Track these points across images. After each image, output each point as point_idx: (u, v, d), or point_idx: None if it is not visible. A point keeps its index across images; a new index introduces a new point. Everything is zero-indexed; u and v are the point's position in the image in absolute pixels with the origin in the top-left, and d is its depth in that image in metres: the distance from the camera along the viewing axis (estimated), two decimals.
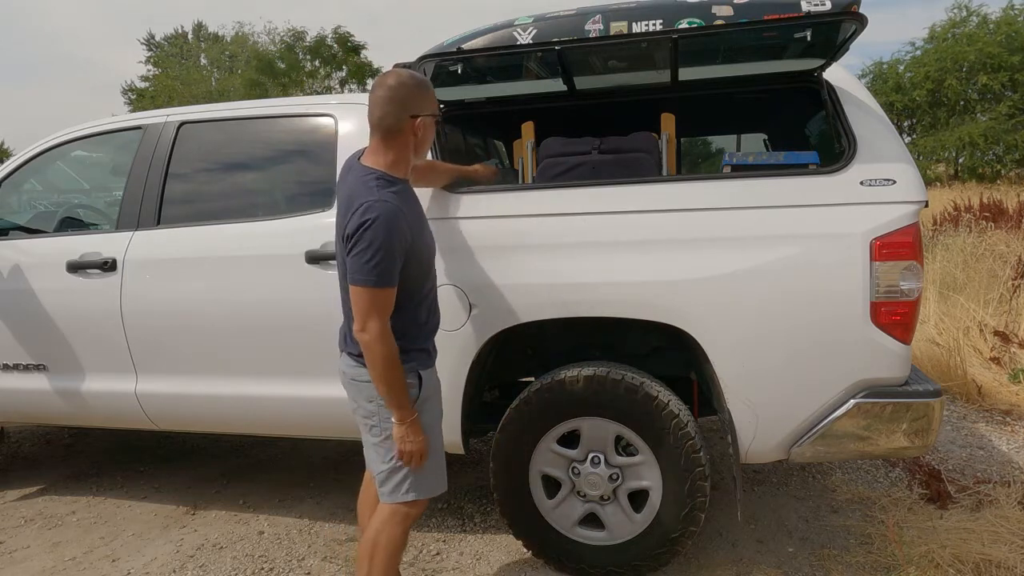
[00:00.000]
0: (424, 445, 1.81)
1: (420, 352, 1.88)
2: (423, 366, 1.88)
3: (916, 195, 2.01)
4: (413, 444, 1.80)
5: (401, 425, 1.79)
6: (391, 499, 1.86)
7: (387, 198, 1.70)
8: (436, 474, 1.91)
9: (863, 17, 1.88)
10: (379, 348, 1.72)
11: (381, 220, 1.67)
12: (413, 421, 1.80)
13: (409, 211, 1.77)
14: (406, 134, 1.78)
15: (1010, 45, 19.82)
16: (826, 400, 2.05)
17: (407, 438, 1.79)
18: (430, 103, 1.81)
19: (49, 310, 2.75)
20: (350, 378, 1.87)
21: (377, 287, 1.69)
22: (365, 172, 1.77)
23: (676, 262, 2.10)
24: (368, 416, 1.86)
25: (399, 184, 1.79)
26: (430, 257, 1.89)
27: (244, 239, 2.55)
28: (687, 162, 4.67)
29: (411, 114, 1.76)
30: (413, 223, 1.77)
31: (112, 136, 2.94)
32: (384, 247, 1.67)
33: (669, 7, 1.99)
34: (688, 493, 2.15)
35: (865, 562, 2.39)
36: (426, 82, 1.82)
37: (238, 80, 24.78)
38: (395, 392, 1.76)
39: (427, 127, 1.81)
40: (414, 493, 1.85)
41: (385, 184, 1.75)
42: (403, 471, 1.84)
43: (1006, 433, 3.57)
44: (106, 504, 3.13)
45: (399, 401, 1.77)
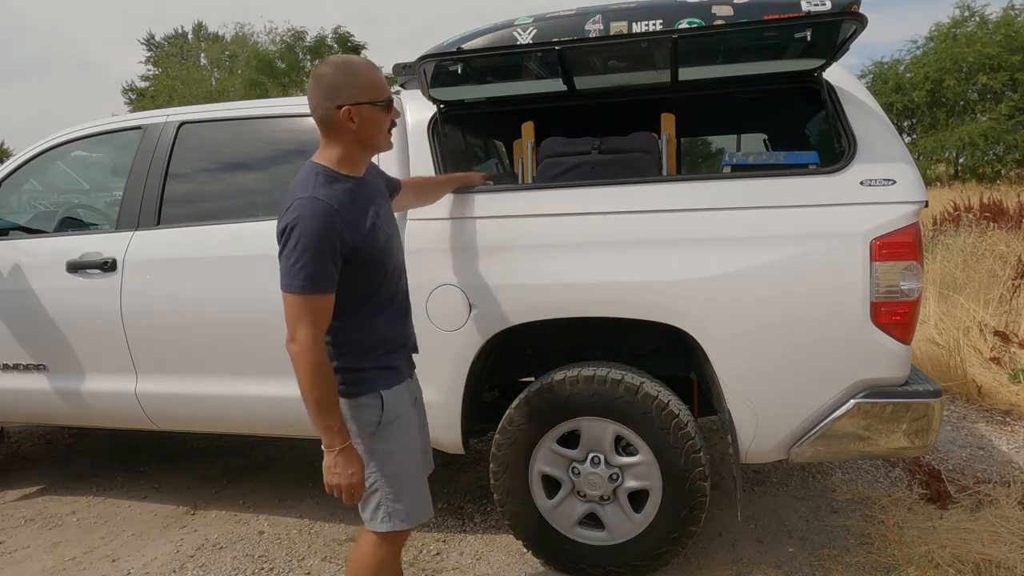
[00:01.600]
0: (354, 479, 1.59)
1: (383, 371, 1.69)
2: (387, 384, 1.69)
3: (916, 195, 2.01)
4: (340, 477, 1.58)
5: (329, 452, 1.58)
6: (370, 526, 1.71)
7: (320, 195, 1.54)
8: (414, 501, 1.72)
9: (863, 17, 1.88)
10: (304, 360, 1.53)
11: (307, 219, 1.51)
12: (343, 450, 1.58)
13: (352, 209, 1.61)
14: (340, 126, 1.60)
15: (1009, 45, 19.82)
16: (826, 400, 2.05)
17: (332, 469, 1.58)
18: (363, 89, 1.59)
19: (49, 310, 2.75)
20: None
21: (304, 292, 1.52)
22: (309, 168, 1.63)
23: (676, 262, 2.10)
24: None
25: (346, 181, 1.63)
26: (386, 261, 1.69)
27: (244, 239, 2.55)
28: (687, 162, 4.67)
29: (336, 103, 1.58)
30: (355, 222, 1.60)
31: (112, 136, 2.94)
32: (311, 248, 1.51)
33: (669, 7, 1.99)
34: (688, 493, 2.15)
35: (865, 562, 2.39)
36: (357, 66, 1.61)
37: (238, 80, 24.78)
38: (321, 413, 1.55)
39: (365, 116, 1.60)
40: (389, 523, 1.68)
41: (326, 180, 1.59)
42: (376, 496, 1.67)
43: (1006, 433, 3.57)
44: (106, 504, 3.13)
45: (325, 423, 1.56)
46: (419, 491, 1.75)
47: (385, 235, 1.70)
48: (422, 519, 1.75)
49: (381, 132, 1.66)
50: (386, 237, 1.70)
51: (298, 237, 1.52)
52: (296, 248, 1.52)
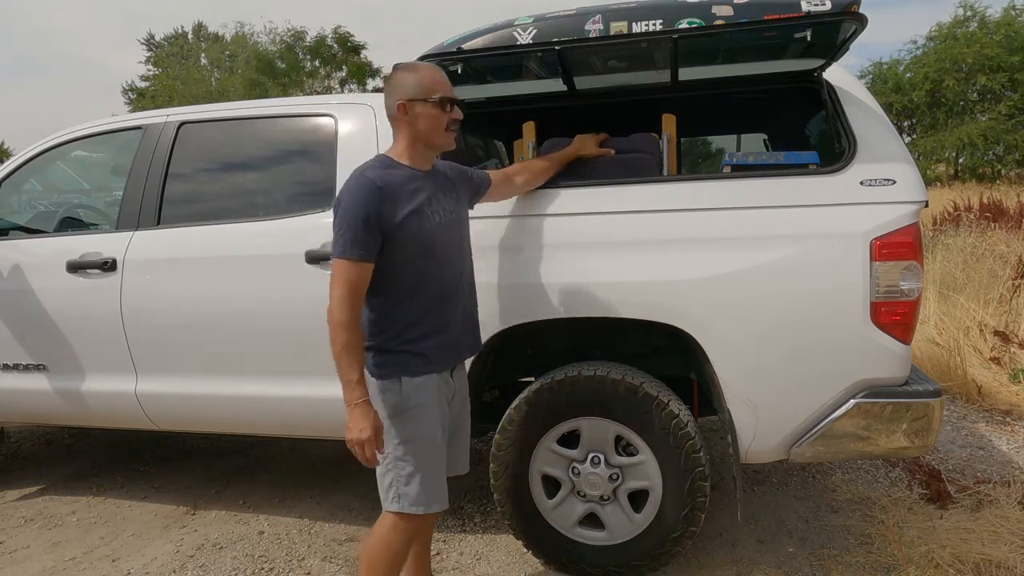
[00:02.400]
0: (366, 434, 1.66)
1: (410, 356, 1.77)
2: (411, 372, 1.77)
3: (916, 195, 2.01)
4: (352, 432, 1.67)
5: (347, 409, 1.69)
6: (385, 506, 1.81)
7: (368, 173, 1.71)
8: (424, 488, 1.78)
9: (863, 17, 1.88)
10: (331, 317, 1.67)
11: (349, 192, 1.69)
12: (359, 405, 1.67)
13: (399, 192, 1.73)
14: (399, 120, 1.79)
15: (1009, 45, 19.82)
16: (826, 400, 2.05)
17: (348, 423, 1.69)
18: (420, 87, 1.76)
19: (49, 310, 2.74)
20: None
21: (339, 257, 1.67)
22: (376, 156, 1.82)
23: (676, 262, 2.09)
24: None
25: (402, 169, 1.78)
26: (428, 248, 1.78)
27: (244, 239, 2.55)
28: (687, 162, 4.66)
29: (397, 99, 1.76)
30: (398, 203, 1.72)
31: (112, 136, 2.94)
32: (348, 218, 1.67)
33: (669, 7, 1.99)
34: (688, 493, 2.15)
35: (865, 562, 2.39)
36: (417, 67, 1.81)
37: (238, 80, 24.77)
38: (341, 368, 1.68)
39: (418, 112, 1.77)
40: (397, 504, 1.78)
41: (381, 164, 1.76)
42: (390, 476, 1.78)
43: (1006, 433, 3.57)
44: (106, 504, 3.13)
45: (344, 377, 1.68)
46: (431, 480, 1.80)
47: (432, 224, 1.79)
48: (431, 509, 1.80)
49: (435, 128, 1.80)
50: (433, 226, 1.79)
51: (338, 207, 1.70)
52: (340, 217, 1.69)
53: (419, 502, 1.78)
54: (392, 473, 1.78)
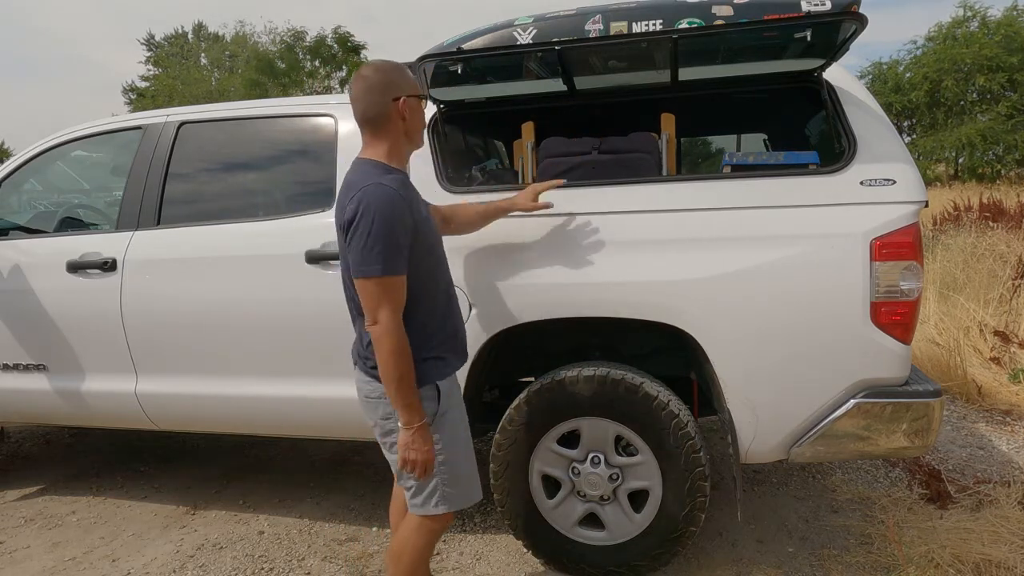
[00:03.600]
0: (430, 455, 1.71)
1: (436, 361, 1.78)
2: (440, 375, 1.78)
3: (916, 195, 2.01)
4: (418, 453, 1.69)
5: (407, 430, 1.68)
6: (422, 511, 1.80)
7: (386, 182, 1.65)
8: (467, 485, 1.83)
9: (863, 17, 1.88)
10: (387, 342, 1.62)
11: (380, 203, 1.61)
12: (420, 427, 1.69)
13: (411, 198, 1.72)
14: (393, 120, 1.74)
15: (1009, 45, 19.81)
16: (826, 400, 2.05)
17: (411, 445, 1.68)
18: (411, 84, 1.76)
19: (49, 310, 2.75)
20: (364, 395, 1.80)
21: (384, 275, 1.61)
22: (362, 163, 1.74)
23: (676, 262, 2.10)
24: (387, 434, 1.79)
25: (398, 173, 1.75)
26: (434, 249, 1.81)
27: (244, 239, 2.55)
28: (687, 162, 4.66)
29: (392, 97, 1.72)
30: (415, 209, 1.71)
31: (112, 136, 2.94)
32: (386, 231, 1.60)
33: (669, 7, 1.99)
34: (688, 493, 2.15)
35: (865, 562, 2.39)
36: (402, 65, 1.79)
37: (238, 80, 24.75)
38: (401, 392, 1.65)
39: (412, 109, 1.76)
40: (444, 506, 1.79)
41: (384, 171, 1.71)
42: (432, 482, 1.77)
43: (1006, 433, 3.57)
44: (106, 504, 3.13)
45: (405, 402, 1.66)
46: (472, 475, 1.86)
47: (432, 225, 1.81)
48: (472, 501, 1.86)
49: (422, 124, 1.81)
50: (433, 227, 1.81)
51: (370, 222, 1.60)
52: (370, 233, 1.60)
53: (464, 499, 1.83)
54: (437, 479, 1.77)
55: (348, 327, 2.07)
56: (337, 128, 2.57)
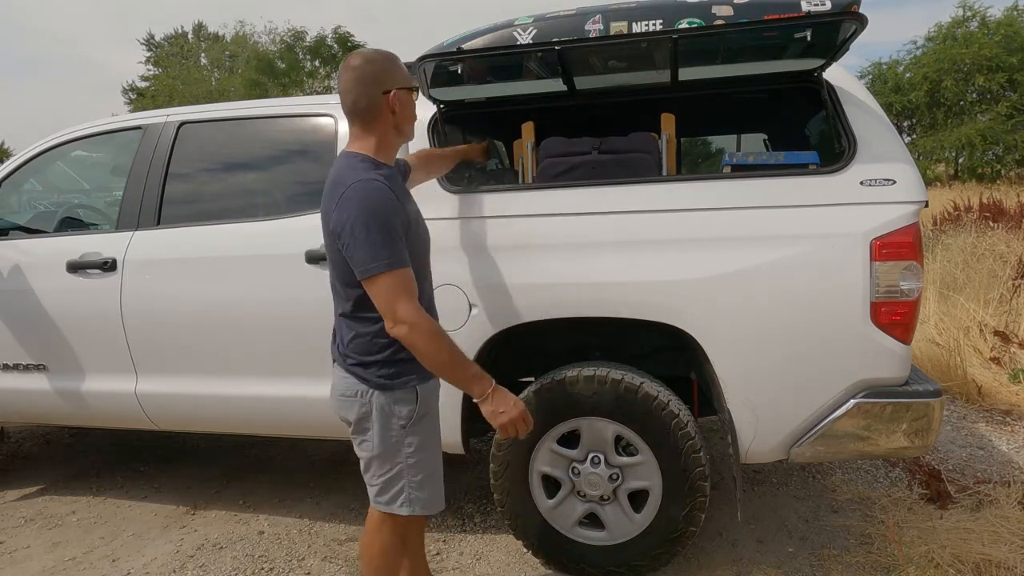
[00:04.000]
0: (521, 408, 1.68)
1: (412, 366, 1.72)
2: (421, 379, 1.74)
3: (916, 195, 2.01)
4: (508, 413, 1.66)
5: (485, 401, 1.66)
6: (385, 509, 1.77)
7: (375, 178, 1.60)
8: (433, 491, 1.79)
9: (863, 17, 1.88)
10: (417, 334, 1.58)
11: (370, 199, 1.56)
12: (495, 390, 1.66)
13: (400, 195, 1.68)
14: (383, 112, 1.67)
15: (1008, 45, 19.81)
16: (826, 400, 2.05)
17: (498, 410, 1.66)
18: (402, 76, 1.70)
19: (49, 310, 2.74)
20: (340, 392, 1.75)
21: (391, 269, 1.56)
22: (349, 157, 1.68)
23: (676, 262, 2.09)
24: (360, 432, 1.75)
25: (387, 168, 1.70)
26: (425, 253, 1.79)
27: (244, 239, 2.55)
28: (687, 162, 4.66)
29: (383, 89, 1.66)
30: (405, 204, 1.68)
31: (112, 136, 2.94)
32: (383, 225, 1.55)
33: (669, 7, 1.99)
34: (688, 493, 2.15)
35: (865, 562, 2.39)
36: (392, 55, 1.71)
37: (238, 80, 24.76)
38: (460, 372, 1.63)
39: (403, 101, 1.69)
40: (408, 508, 1.75)
41: (372, 165, 1.66)
42: (400, 483, 1.74)
43: (1006, 433, 3.57)
44: (106, 504, 3.13)
45: (467, 377, 1.64)
46: (439, 484, 1.83)
47: (420, 222, 1.77)
48: (437, 509, 1.82)
49: (413, 117, 1.75)
50: (421, 225, 1.77)
51: (367, 219, 1.55)
52: (369, 230, 1.55)
53: (429, 505, 1.78)
54: (404, 480, 1.75)
55: None
56: (337, 128, 2.57)
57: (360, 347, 1.71)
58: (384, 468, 1.74)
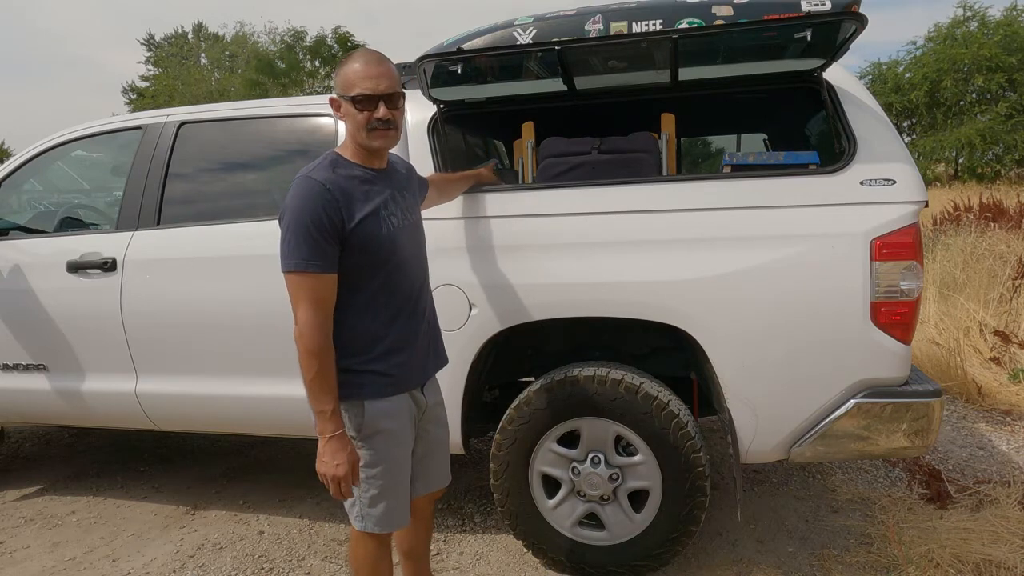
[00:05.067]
0: (343, 471, 1.55)
1: (374, 375, 1.64)
2: (376, 394, 1.64)
3: (916, 195, 2.01)
4: (326, 466, 1.56)
5: (320, 439, 1.56)
6: (350, 519, 1.73)
7: (316, 176, 1.56)
8: (388, 509, 1.70)
9: (863, 17, 1.88)
10: (301, 343, 1.53)
11: (297, 198, 1.54)
12: (332, 438, 1.55)
13: (351, 194, 1.59)
14: (342, 116, 1.66)
15: (1008, 46, 19.80)
16: (826, 400, 2.05)
17: (322, 457, 1.56)
18: (343, 82, 1.63)
19: (49, 310, 2.74)
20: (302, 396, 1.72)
21: (297, 271, 1.52)
22: (325, 154, 1.67)
23: (676, 262, 2.10)
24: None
25: (353, 168, 1.64)
26: (386, 255, 1.65)
27: (244, 239, 2.55)
28: (687, 162, 4.67)
29: (334, 94, 1.67)
30: (351, 206, 1.58)
31: (112, 136, 2.94)
32: (300, 226, 1.52)
33: (669, 7, 1.99)
34: (688, 493, 2.15)
35: (865, 562, 2.39)
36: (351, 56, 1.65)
37: (238, 80, 24.76)
38: (313, 397, 1.55)
39: (345, 111, 1.63)
40: (360, 523, 1.71)
41: (331, 164, 1.62)
42: (353, 496, 1.68)
43: (1006, 433, 3.57)
44: (106, 504, 3.13)
45: (317, 408, 1.55)
46: (395, 504, 1.73)
47: (390, 228, 1.66)
48: (396, 527, 1.75)
49: (356, 126, 1.63)
50: (391, 230, 1.66)
51: (289, 217, 1.55)
52: (288, 228, 1.55)
53: (382, 523, 1.72)
54: (356, 494, 1.69)
55: None
56: (337, 128, 2.57)
57: None
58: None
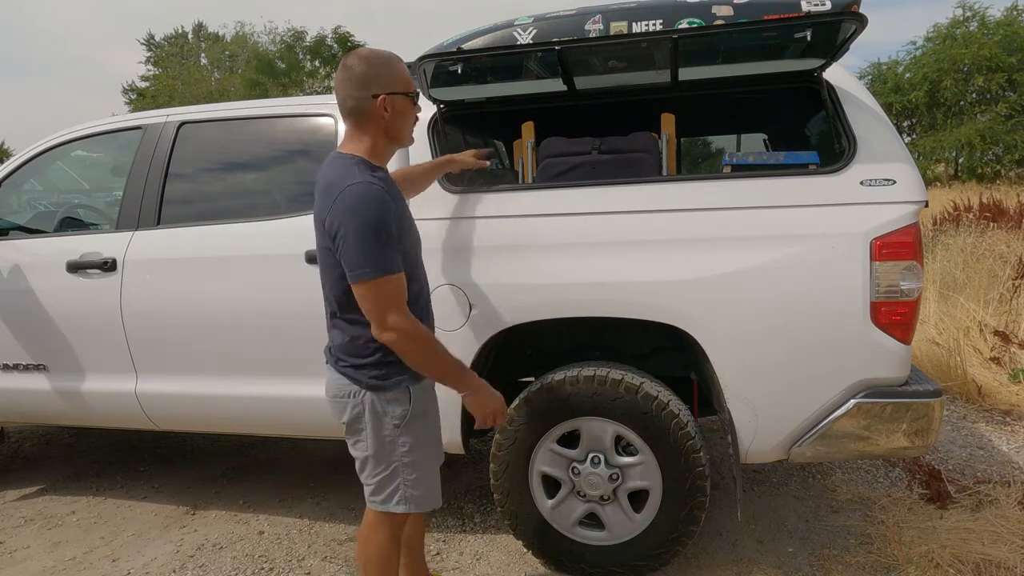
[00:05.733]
0: (500, 402, 1.81)
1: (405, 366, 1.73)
2: (413, 380, 1.74)
3: (916, 195, 2.02)
4: (486, 407, 1.78)
5: (470, 397, 1.76)
6: (381, 508, 1.78)
7: (372, 182, 1.57)
8: (430, 490, 1.82)
9: (863, 17, 1.88)
10: (410, 343, 1.62)
11: (367, 203, 1.54)
12: (478, 386, 1.76)
13: (396, 198, 1.66)
14: (373, 116, 1.65)
15: (1007, 46, 19.80)
16: (826, 400, 2.05)
17: (480, 402, 1.77)
18: (398, 80, 1.66)
19: (49, 310, 2.74)
20: (332, 394, 1.77)
21: (384, 275, 1.55)
22: (343, 158, 1.65)
23: (676, 262, 2.10)
24: (354, 433, 1.76)
25: (381, 171, 1.69)
26: (417, 256, 1.78)
27: (244, 239, 2.55)
28: (687, 162, 4.66)
29: (372, 93, 1.63)
30: (400, 209, 1.67)
31: (112, 136, 2.94)
32: (378, 231, 1.54)
33: (669, 7, 1.99)
34: (688, 493, 2.15)
35: (865, 562, 2.39)
36: (391, 57, 1.67)
37: (238, 80, 24.77)
38: (450, 375, 1.72)
39: (398, 107, 1.66)
40: (404, 506, 1.77)
41: (367, 168, 1.63)
42: (395, 482, 1.76)
43: (1006, 433, 3.57)
44: (106, 504, 3.13)
45: (455, 379, 1.73)
46: (435, 481, 1.85)
47: (416, 230, 1.80)
48: (434, 506, 1.85)
49: (408, 124, 1.72)
50: (415, 228, 1.80)
51: (360, 224, 1.53)
52: (363, 235, 1.54)
53: (424, 503, 1.81)
54: (400, 478, 1.76)
55: None
56: (337, 128, 2.57)
57: (351, 349, 1.71)
58: (379, 468, 1.76)
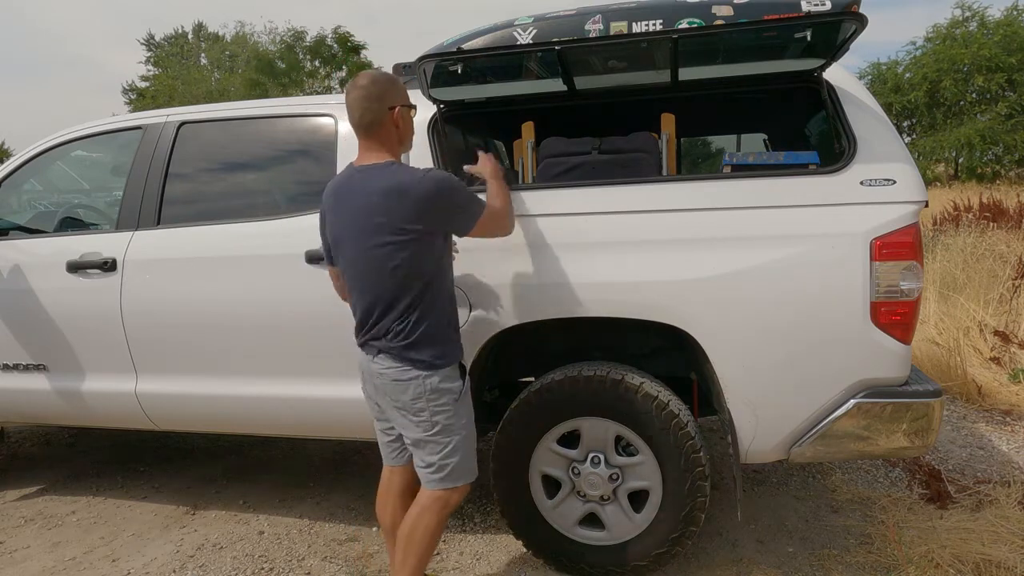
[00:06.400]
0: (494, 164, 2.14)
1: (457, 344, 1.98)
2: (462, 357, 1.99)
3: (916, 195, 2.01)
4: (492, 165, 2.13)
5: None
6: (444, 485, 1.93)
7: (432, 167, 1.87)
8: (474, 461, 2.01)
9: (863, 17, 1.88)
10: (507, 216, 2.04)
11: (447, 176, 1.84)
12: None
13: None
14: (387, 126, 1.92)
15: (1007, 46, 19.79)
16: (826, 400, 2.05)
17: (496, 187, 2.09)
18: (403, 95, 1.96)
19: (49, 310, 2.74)
20: (391, 379, 1.89)
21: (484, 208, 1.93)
22: (384, 165, 1.88)
23: (676, 262, 2.10)
24: (416, 413, 1.90)
25: None
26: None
27: (244, 239, 2.55)
28: (687, 162, 4.66)
29: (388, 106, 1.90)
30: None
31: (112, 136, 2.94)
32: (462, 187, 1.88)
33: (669, 7, 1.99)
34: (688, 493, 2.15)
35: (865, 562, 2.39)
36: (394, 77, 1.97)
37: (238, 80, 24.75)
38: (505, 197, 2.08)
39: (405, 117, 1.95)
40: (463, 479, 1.96)
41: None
42: (456, 458, 1.92)
43: (1006, 433, 3.57)
44: (106, 504, 3.13)
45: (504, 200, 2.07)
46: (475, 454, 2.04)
47: None
48: (474, 477, 2.02)
49: (412, 132, 2.02)
50: None
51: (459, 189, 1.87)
52: (466, 195, 1.90)
53: (472, 474, 2.00)
54: (463, 450, 1.94)
55: (348, 327, 2.07)
56: (337, 128, 2.57)
57: (423, 332, 1.87)
58: (442, 444, 1.91)
